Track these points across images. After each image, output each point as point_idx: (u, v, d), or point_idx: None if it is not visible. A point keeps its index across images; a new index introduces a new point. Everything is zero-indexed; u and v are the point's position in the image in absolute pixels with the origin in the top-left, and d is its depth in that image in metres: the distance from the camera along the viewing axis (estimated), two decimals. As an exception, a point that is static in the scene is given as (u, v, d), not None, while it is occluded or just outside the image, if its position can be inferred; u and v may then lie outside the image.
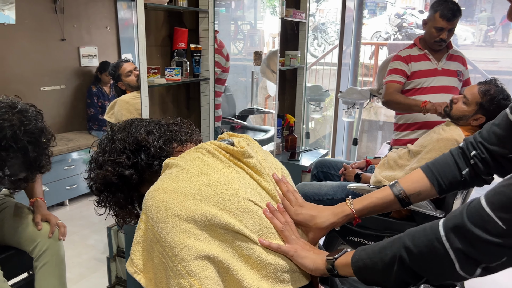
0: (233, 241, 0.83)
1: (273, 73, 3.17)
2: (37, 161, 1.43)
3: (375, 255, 0.83)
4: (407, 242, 0.78)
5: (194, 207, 0.81)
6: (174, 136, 1.05)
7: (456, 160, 1.04)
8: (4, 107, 1.36)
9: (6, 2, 3.34)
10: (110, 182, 1.00)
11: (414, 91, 2.37)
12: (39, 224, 1.68)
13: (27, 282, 1.77)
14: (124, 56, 4.35)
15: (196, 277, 0.78)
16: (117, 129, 1.05)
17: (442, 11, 2.25)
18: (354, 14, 4.24)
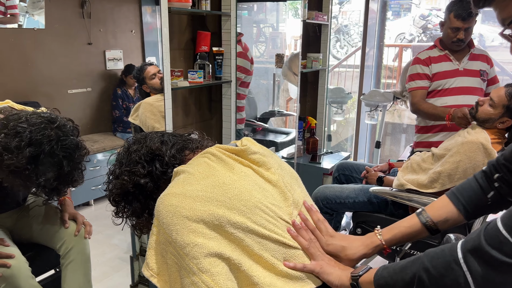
0: (244, 240, 0.85)
1: (295, 75, 3.16)
2: (70, 175, 1.46)
3: (396, 274, 0.84)
4: (426, 263, 0.79)
5: (202, 208, 0.84)
6: (186, 144, 1.09)
7: (480, 183, 1.03)
8: (43, 122, 1.39)
9: (36, 8, 3.46)
10: (126, 191, 1.04)
11: (436, 93, 2.33)
12: (66, 222, 1.73)
13: (54, 279, 1.83)
14: (148, 59, 4.43)
15: (208, 273, 0.80)
16: (133, 142, 1.10)
17: (457, 11, 2.21)
18: (378, 15, 4.19)
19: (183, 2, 2.08)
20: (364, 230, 1.97)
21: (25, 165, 1.34)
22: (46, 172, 1.38)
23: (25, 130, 1.35)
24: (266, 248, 0.87)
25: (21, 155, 1.32)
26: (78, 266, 1.72)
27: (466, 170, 1.73)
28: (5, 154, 1.33)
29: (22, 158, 1.33)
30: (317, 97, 3.52)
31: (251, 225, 0.86)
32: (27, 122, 1.37)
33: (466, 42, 2.31)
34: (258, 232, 0.86)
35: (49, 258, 1.77)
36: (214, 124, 2.66)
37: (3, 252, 1.53)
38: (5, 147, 1.33)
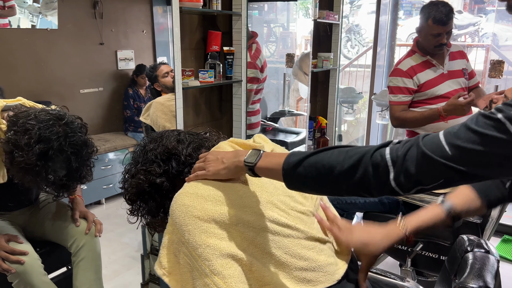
0: (256, 238, 0.85)
1: (305, 75, 3.15)
2: (78, 172, 1.48)
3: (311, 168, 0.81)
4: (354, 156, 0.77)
5: (213, 208, 0.85)
6: (202, 143, 1.09)
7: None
8: (52, 119, 1.42)
9: (49, 9, 3.50)
10: (142, 191, 1.04)
11: (424, 101, 2.30)
12: (77, 221, 1.75)
13: (66, 276, 1.85)
14: (159, 59, 4.46)
15: (220, 275, 0.80)
16: (149, 141, 1.10)
17: (435, 16, 2.14)
18: (389, 15, 4.16)
19: (194, 1, 2.09)
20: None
21: (35, 161, 1.36)
22: (55, 168, 1.40)
23: (34, 127, 1.37)
24: (278, 245, 0.86)
25: (31, 152, 1.35)
26: (89, 263, 1.73)
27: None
28: (15, 152, 1.36)
29: (32, 155, 1.35)
30: (327, 97, 3.50)
31: (262, 223, 0.86)
32: (36, 119, 1.40)
33: (447, 43, 2.26)
34: (270, 229, 0.86)
35: (61, 255, 1.79)
36: (224, 123, 2.66)
37: (17, 249, 1.55)
38: (16, 145, 1.36)
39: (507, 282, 2.46)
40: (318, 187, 0.82)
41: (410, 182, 0.72)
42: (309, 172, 0.80)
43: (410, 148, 0.72)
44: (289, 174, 0.82)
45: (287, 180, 0.83)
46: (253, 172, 0.88)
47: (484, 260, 1.00)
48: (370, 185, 0.75)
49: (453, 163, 0.69)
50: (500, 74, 3.16)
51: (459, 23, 6.65)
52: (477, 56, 5.19)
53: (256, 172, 0.88)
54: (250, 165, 0.88)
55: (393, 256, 1.98)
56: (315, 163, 0.80)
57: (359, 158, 0.76)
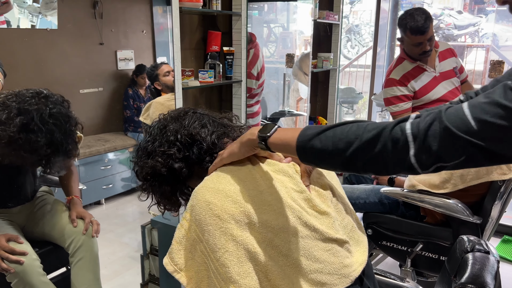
0: (274, 240, 0.82)
1: (305, 75, 3.15)
2: (63, 145, 1.51)
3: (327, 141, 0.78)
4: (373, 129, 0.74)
5: (233, 206, 0.82)
6: (226, 132, 1.03)
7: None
8: (31, 93, 1.48)
9: (49, 9, 3.50)
10: (158, 173, 0.98)
11: (424, 105, 2.31)
12: (74, 221, 1.75)
13: (65, 276, 1.84)
14: (159, 59, 4.46)
15: (235, 284, 0.78)
16: (170, 119, 1.03)
17: (412, 27, 2.13)
18: (389, 15, 4.16)
19: (194, 2, 2.09)
20: (374, 231, 1.95)
21: (17, 134, 1.39)
22: (38, 140, 1.43)
23: (13, 102, 1.43)
24: (296, 247, 0.84)
25: (12, 125, 1.39)
26: (87, 264, 1.73)
27: (479, 170, 1.70)
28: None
29: (14, 127, 1.39)
30: (327, 97, 3.50)
31: (281, 222, 0.83)
32: (16, 96, 1.46)
33: (432, 49, 2.25)
34: (289, 229, 0.83)
35: (60, 255, 1.79)
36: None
37: (17, 249, 1.55)
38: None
39: (507, 283, 2.46)
40: (333, 162, 0.78)
41: (431, 158, 0.69)
42: (325, 145, 0.77)
43: (432, 123, 0.69)
44: (303, 146, 0.79)
45: (300, 153, 0.80)
46: (266, 145, 0.85)
47: (484, 261, 1.00)
48: (388, 161, 0.72)
49: (477, 140, 0.65)
50: (500, 74, 3.16)
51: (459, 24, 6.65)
52: (477, 56, 5.20)
53: (269, 145, 0.85)
54: (263, 136, 0.85)
55: (393, 256, 1.98)
56: (332, 136, 0.77)
57: (378, 133, 0.73)
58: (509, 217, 3.07)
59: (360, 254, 0.97)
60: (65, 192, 1.90)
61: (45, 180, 2.10)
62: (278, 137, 0.84)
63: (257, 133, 0.86)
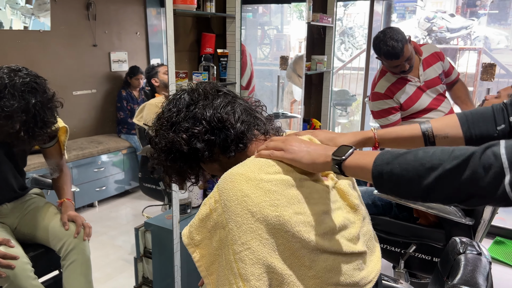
0: (299, 250, 0.80)
1: (299, 77, 3.16)
2: (41, 114, 1.56)
3: (408, 166, 0.71)
4: (461, 155, 0.67)
5: (269, 208, 0.78)
6: (256, 123, 0.97)
7: (495, 114, 0.98)
8: (6, 67, 1.56)
9: (42, 10, 3.48)
10: (176, 149, 0.93)
11: (411, 115, 2.32)
12: (66, 224, 1.73)
13: (57, 280, 1.83)
14: (153, 61, 4.45)
15: (247, 282, 0.76)
16: (202, 92, 0.96)
17: (386, 53, 2.13)
18: (382, 18, 4.18)
19: (188, 4, 2.08)
20: (368, 232, 1.96)
21: None
22: (12, 103, 1.47)
23: None
24: (319, 261, 0.82)
25: None
26: (79, 267, 1.72)
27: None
28: None
29: None
30: (321, 99, 3.51)
31: (311, 236, 0.80)
32: None
33: (413, 65, 2.23)
34: (316, 244, 0.81)
35: (52, 259, 1.78)
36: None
37: (8, 253, 1.53)
38: None
39: (499, 284, 2.48)
40: (413, 189, 0.70)
41: None
42: (405, 169, 0.70)
43: None
44: (380, 171, 0.73)
45: (377, 179, 0.73)
46: (340, 169, 0.79)
47: (476, 262, 1.00)
48: (478, 190, 0.64)
49: None
50: (492, 77, 3.19)
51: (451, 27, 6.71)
52: (469, 59, 5.24)
53: (343, 169, 0.78)
54: (338, 160, 0.78)
55: (387, 258, 1.99)
56: (413, 160, 0.70)
57: (466, 158, 0.65)
58: (501, 218, 3.10)
59: (374, 263, 0.95)
60: (57, 194, 1.89)
61: (37, 182, 2.09)
62: (354, 161, 0.78)
63: (332, 155, 0.80)
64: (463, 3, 7.19)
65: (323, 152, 0.82)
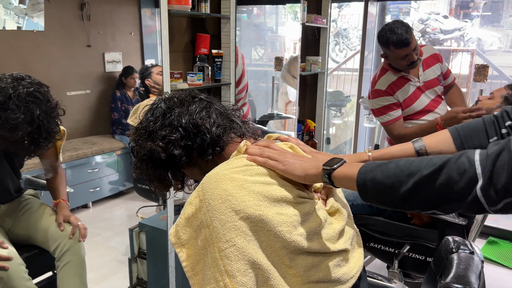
0: (281, 250, 0.82)
1: (294, 78, 3.17)
2: (45, 124, 1.52)
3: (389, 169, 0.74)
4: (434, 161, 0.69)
5: (252, 206, 0.80)
6: (232, 127, 1.00)
7: (486, 126, 1.00)
8: (9, 76, 1.51)
9: (35, 10, 3.46)
10: (155, 157, 0.96)
11: (408, 116, 2.32)
12: (61, 225, 1.73)
13: (51, 281, 1.82)
14: (147, 62, 4.44)
15: (233, 278, 0.78)
16: (176, 100, 0.99)
17: (395, 41, 2.11)
18: (376, 19, 4.21)
19: (183, 4, 2.08)
20: (363, 233, 1.96)
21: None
22: (17, 116, 1.44)
23: None
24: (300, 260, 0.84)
25: None
26: (73, 268, 1.71)
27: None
28: None
29: None
30: (316, 100, 3.52)
31: (293, 236, 0.82)
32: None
33: (419, 58, 2.24)
34: (297, 245, 0.82)
35: (46, 260, 1.77)
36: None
37: (2, 255, 1.52)
38: None
39: (492, 284, 2.50)
40: (393, 195, 0.72)
41: (499, 192, 0.62)
42: (386, 176, 0.72)
43: (500, 153, 0.63)
44: (364, 178, 0.75)
45: (361, 187, 0.76)
46: (330, 180, 0.82)
47: (468, 261, 1.01)
48: (453, 195, 0.66)
49: None
50: (484, 78, 3.22)
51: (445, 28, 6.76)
52: (462, 60, 5.28)
53: (333, 179, 0.81)
54: (328, 170, 0.81)
55: (381, 258, 2.00)
56: (394, 167, 0.72)
57: (443, 163, 0.67)
58: (494, 219, 3.13)
59: (356, 259, 0.97)
60: (52, 195, 1.88)
61: (31, 183, 2.08)
62: (342, 171, 0.80)
63: (322, 166, 0.83)
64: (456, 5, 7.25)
65: (314, 163, 0.85)
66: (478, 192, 0.64)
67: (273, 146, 0.92)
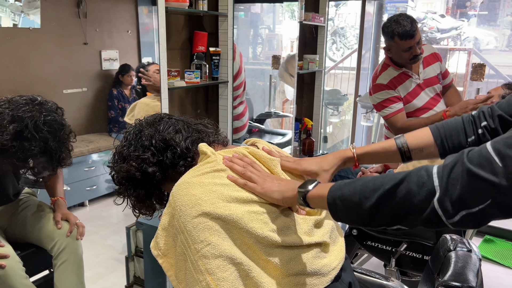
0: (256, 244, 0.84)
1: (291, 76, 3.17)
2: (57, 153, 1.49)
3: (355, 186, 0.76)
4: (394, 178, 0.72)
5: (223, 207, 0.83)
6: (201, 137, 1.05)
7: (465, 126, 1.02)
8: (24, 100, 1.44)
9: (32, 7, 3.44)
10: (132, 177, 1.01)
11: (408, 114, 2.32)
12: (59, 223, 1.72)
13: (48, 279, 1.82)
14: (144, 60, 4.43)
15: (213, 275, 0.79)
16: (145, 123, 1.05)
17: (400, 33, 2.12)
18: (374, 18, 4.21)
19: (180, 2, 2.08)
20: (359, 231, 1.97)
21: (11, 142, 1.36)
22: (32, 148, 1.40)
23: (6, 109, 1.38)
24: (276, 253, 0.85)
25: (5, 133, 1.35)
26: (71, 266, 1.71)
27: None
28: None
29: (7, 135, 1.35)
30: (313, 99, 3.52)
31: (265, 232, 0.84)
32: (8, 102, 1.42)
33: (421, 52, 2.24)
34: (271, 240, 0.84)
35: (43, 258, 1.76)
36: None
37: (-2, 252, 1.52)
38: None
39: (488, 282, 2.51)
40: (360, 211, 0.74)
41: (455, 204, 0.64)
42: (353, 193, 0.75)
43: (454, 166, 0.66)
44: (333, 196, 0.78)
45: (331, 205, 0.78)
46: (305, 201, 0.84)
47: (466, 259, 1.02)
48: (413, 207, 0.68)
49: (501, 178, 0.60)
50: (481, 77, 3.23)
51: (442, 27, 6.77)
52: (459, 59, 5.29)
53: (307, 200, 0.84)
54: (303, 192, 0.84)
55: (378, 256, 2.00)
56: (361, 184, 0.75)
57: (403, 177, 0.70)
58: (490, 217, 3.14)
59: (337, 252, 0.98)
60: (49, 193, 1.87)
61: (28, 181, 2.07)
62: (315, 191, 0.83)
63: (297, 189, 0.85)
64: (453, 4, 7.26)
65: (291, 186, 0.88)
66: (435, 204, 0.65)
67: (256, 166, 0.94)
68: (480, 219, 0.64)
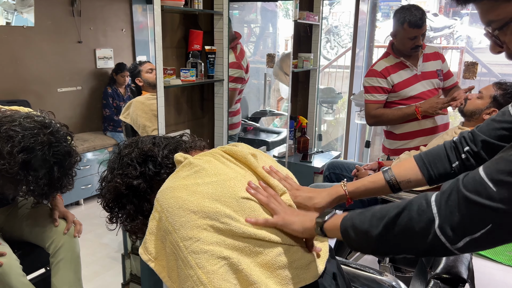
0: (243, 240, 0.86)
1: (286, 75, 3.18)
2: (59, 181, 1.46)
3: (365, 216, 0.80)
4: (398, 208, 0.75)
5: (209, 205, 0.85)
6: (178, 145, 1.10)
7: (447, 152, 1.06)
8: (36, 127, 1.38)
9: (25, 6, 3.43)
10: (120, 194, 1.04)
11: (400, 101, 2.38)
12: (56, 220, 1.73)
13: (45, 277, 1.82)
14: (139, 58, 4.42)
15: (204, 269, 0.81)
16: (124, 147, 1.10)
17: (410, 20, 2.21)
18: (367, 17, 4.23)
19: (176, 0, 2.09)
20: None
21: (17, 171, 1.33)
22: (36, 177, 1.37)
23: (17, 134, 1.33)
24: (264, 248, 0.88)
25: (13, 161, 1.31)
26: (68, 264, 1.71)
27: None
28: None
29: (14, 164, 1.32)
30: (308, 97, 3.54)
31: (252, 230, 0.87)
32: (20, 126, 1.35)
33: (422, 46, 2.34)
34: (258, 237, 0.87)
35: (40, 256, 1.76)
36: (206, 122, 2.66)
37: (-5, 251, 1.52)
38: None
39: (480, 277, 2.55)
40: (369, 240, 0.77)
41: (457, 231, 0.66)
42: (362, 222, 0.78)
43: (451, 193, 0.68)
44: (345, 226, 0.82)
45: (344, 235, 0.82)
46: (322, 231, 0.88)
47: (458, 253, 1.04)
48: (415, 234, 0.70)
49: (497, 203, 0.62)
50: (473, 75, 3.27)
51: (435, 26, 6.81)
52: (452, 58, 5.34)
53: (325, 231, 0.88)
54: (320, 222, 0.88)
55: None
56: (370, 214, 0.78)
57: (405, 205, 0.73)
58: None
59: (321, 245, 1.02)
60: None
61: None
62: (331, 222, 0.87)
63: (316, 219, 0.90)
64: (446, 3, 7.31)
65: (309, 217, 0.92)
66: (437, 231, 0.68)
67: (278, 198, 0.97)
68: (485, 243, 0.66)
